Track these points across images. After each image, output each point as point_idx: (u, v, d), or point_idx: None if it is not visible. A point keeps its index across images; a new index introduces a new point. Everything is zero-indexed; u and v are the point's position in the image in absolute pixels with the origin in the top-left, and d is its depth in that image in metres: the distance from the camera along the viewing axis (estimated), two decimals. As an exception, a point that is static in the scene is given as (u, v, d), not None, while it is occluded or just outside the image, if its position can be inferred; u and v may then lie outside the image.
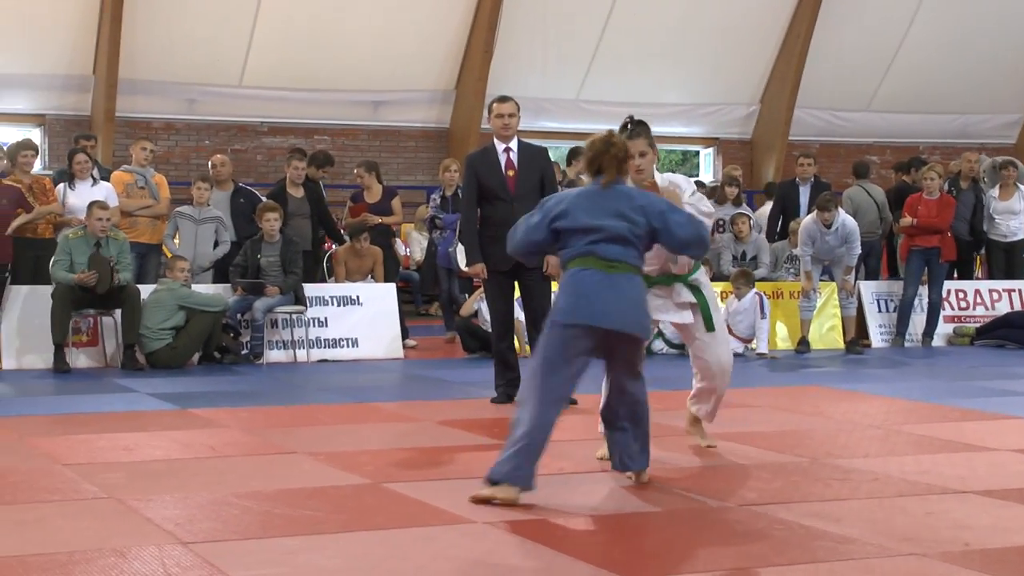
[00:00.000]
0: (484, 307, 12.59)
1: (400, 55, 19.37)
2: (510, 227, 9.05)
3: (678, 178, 7.25)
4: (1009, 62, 22.10)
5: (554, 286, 9.15)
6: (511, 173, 9.33)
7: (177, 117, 19.03)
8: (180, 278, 12.17)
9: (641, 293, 6.11)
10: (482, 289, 12.81)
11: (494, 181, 9.33)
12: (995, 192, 15.53)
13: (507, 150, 9.40)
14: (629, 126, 6.94)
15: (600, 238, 6.03)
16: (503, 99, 9.56)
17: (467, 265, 9.54)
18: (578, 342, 5.98)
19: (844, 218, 13.67)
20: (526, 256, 6.67)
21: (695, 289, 7.01)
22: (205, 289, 12.64)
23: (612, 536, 5.30)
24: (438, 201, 14.25)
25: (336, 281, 13.72)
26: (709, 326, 7.01)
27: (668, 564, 4.90)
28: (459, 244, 13.76)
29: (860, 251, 13.93)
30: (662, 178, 7.11)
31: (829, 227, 13.51)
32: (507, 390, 9.39)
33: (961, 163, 15.77)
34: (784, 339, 14.11)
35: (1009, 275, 15.54)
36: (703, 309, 6.99)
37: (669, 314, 7.02)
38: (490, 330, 10.46)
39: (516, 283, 9.48)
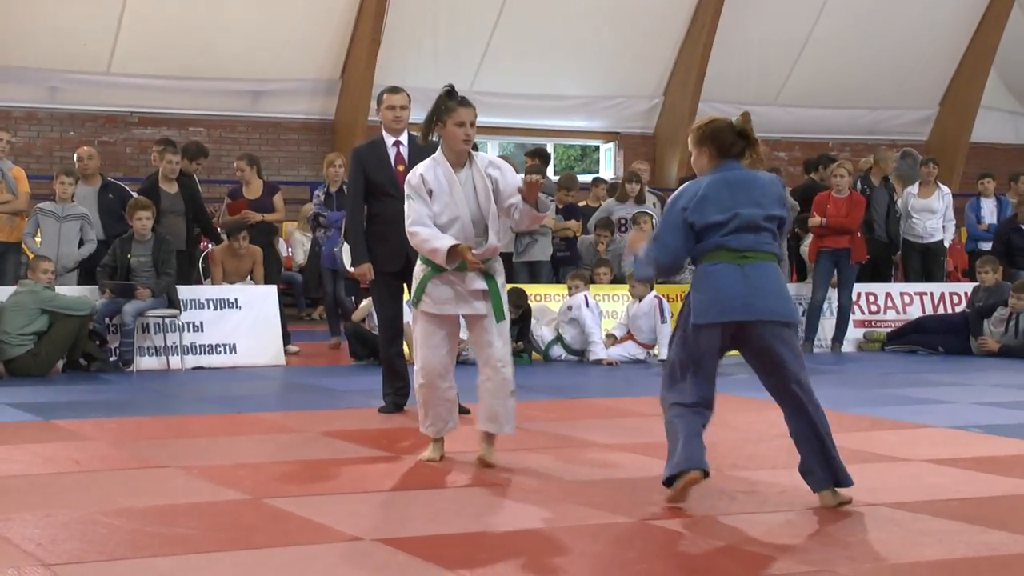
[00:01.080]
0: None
1: (282, 42, 19.26)
2: (399, 225, 9.09)
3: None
4: (922, 55, 22.52)
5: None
6: (401, 168, 9.30)
7: (39, 106, 18.75)
8: (43, 280, 11.99)
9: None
10: None
11: (383, 176, 9.29)
12: (914, 190, 15.78)
13: (397, 143, 9.38)
14: (450, 92, 7.22)
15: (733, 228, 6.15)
16: (394, 90, 9.54)
17: (353, 265, 9.48)
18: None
19: None
20: (676, 272, 6.74)
21: (488, 277, 7.14)
22: (70, 291, 12.46)
23: (506, 554, 5.30)
24: (322, 198, 14.18)
25: (212, 283, 13.60)
26: (499, 315, 7.15)
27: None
28: (344, 243, 13.73)
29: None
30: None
31: None
32: (395, 399, 9.37)
33: (873, 159, 15.91)
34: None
35: (927, 278, 15.79)
36: (494, 297, 7.14)
37: (460, 307, 7.15)
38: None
39: (405, 284, 9.46)
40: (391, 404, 9.40)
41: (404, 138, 9.40)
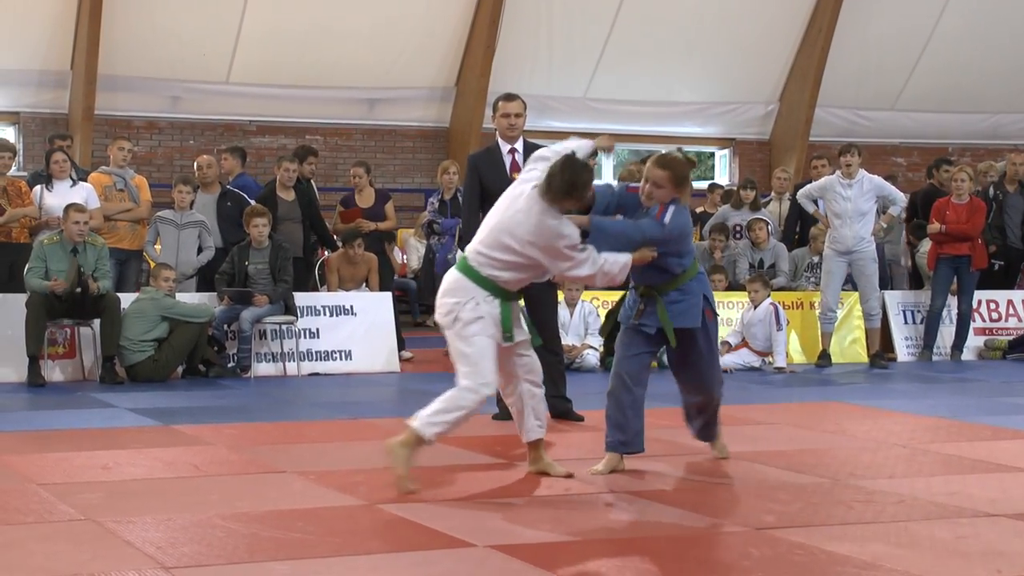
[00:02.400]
0: None
1: (397, 51, 19.38)
2: None
3: None
4: (1043, 58, 22.10)
5: (560, 295, 9.18)
6: (516, 175, 9.33)
7: (160, 115, 19.03)
8: (165, 287, 12.17)
9: None
10: None
11: (499, 184, 9.31)
12: None
13: (512, 151, 9.42)
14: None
15: None
16: (509, 97, 9.56)
17: None
18: None
19: (866, 172, 13.63)
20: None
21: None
22: (189, 298, 12.64)
23: (621, 561, 5.29)
24: (436, 205, 14.26)
25: (328, 290, 13.72)
26: (535, 340, 7.25)
27: (681, 591, 4.90)
28: (459, 251, 13.77)
29: (904, 202, 13.86)
30: None
31: (850, 180, 13.44)
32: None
33: (1006, 164, 15.61)
34: (804, 352, 14.09)
35: None
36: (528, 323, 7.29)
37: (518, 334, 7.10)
38: None
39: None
40: (505, 411, 9.39)
41: (519, 145, 9.44)
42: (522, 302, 9.47)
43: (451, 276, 7.06)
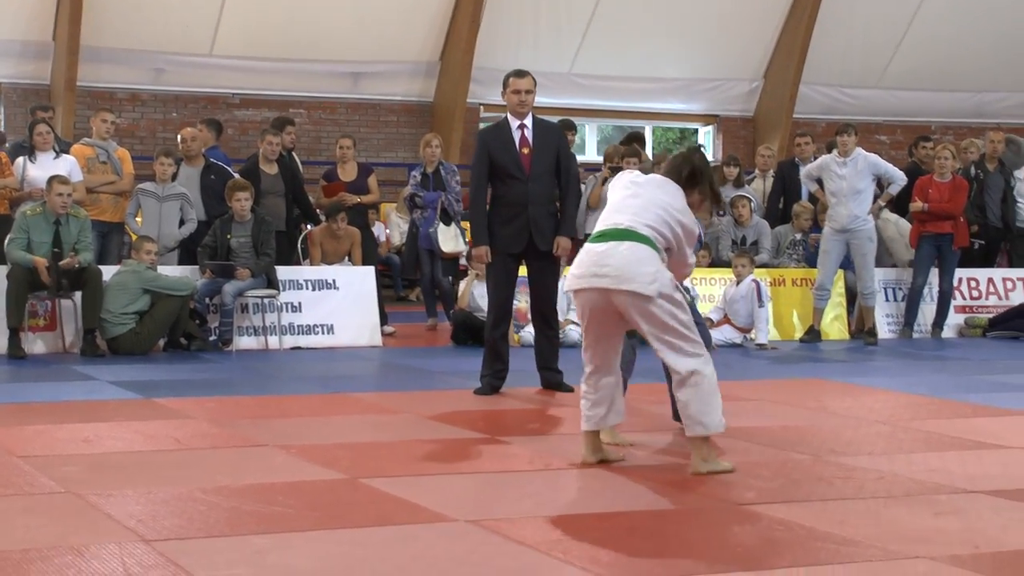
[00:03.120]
0: (476, 292, 12.59)
1: (381, 24, 19.34)
2: (524, 207, 9.17)
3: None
4: (1026, 37, 22.14)
5: (566, 271, 9.35)
6: (526, 151, 9.42)
7: (143, 87, 18.98)
8: (147, 260, 12.14)
9: None
10: (471, 275, 12.82)
11: (508, 159, 9.41)
12: (1020, 174, 15.51)
13: (522, 127, 9.51)
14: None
15: None
16: (520, 74, 9.63)
17: (473, 247, 9.56)
18: None
19: (862, 151, 13.64)
20: None
21: None
22: (171, 271, 12.61)
23: (601, 536, 5.30)
24: (418, 179, 14.23)
25: (311, 264, 13.71)
26: None
27: (660, 566, 4.91)
28: (440, 224, 13.79)
29: (903, 180, 13.90)
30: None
31: (845, 159, 13.47)
32: (492, 381, 9.43)
33: (985, 143, 15.63)
34: (787, 329, 14.12)
35: None
36: None
37: None
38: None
39: (526, 265, 9.60)
40: (488, 386, 9.44)
41: (528, 121, 9.54)
42: (524, 271, 9.59)
43: (634, 246, 6.47)
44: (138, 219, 13.23)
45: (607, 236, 6.55)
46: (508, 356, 9.55)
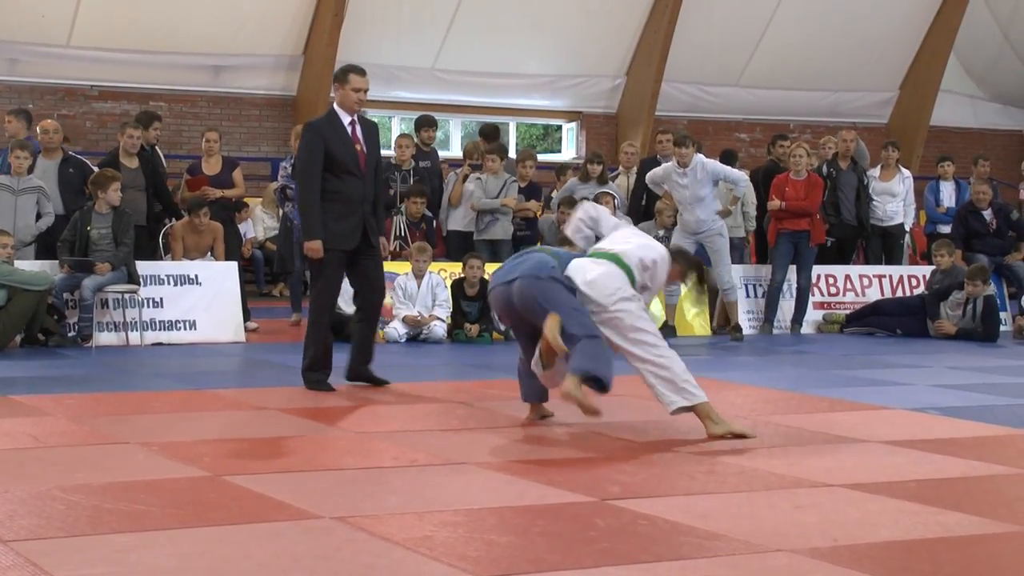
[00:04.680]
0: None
1: (244, 17, 19.16)
2: (360, 204, 9.20)
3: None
4: (882, 38, 22.60)
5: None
6: (358, 147, 9.46)
7: (-1, 78, 18.60)
8: (2, 255, 11.90)
9: None
10: None
11: (346, 155, 9.38)
12: (875, 172, 15.84)
13: (352, 123, 9.49)
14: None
15: None
16: (362, 72, 9.60)
17: (305, 240, 9.45)
18: None
19: (701, 159, 13.78)
20: None
21: None
22: (28, 265, 12.37)
23: (466, 532, 5.31)
24: (289, 170, 14.06)
25: (173, 258, 13.54)
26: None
27: (524, 562, 4.92)
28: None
29: (746, 181, 14.09)
30: None
31: (685, 168, 13.60)
32: (323, 376, 9.53)
33: (838, 142, 15.89)
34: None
35: (887, 260, 15.86)
36: None
37: None
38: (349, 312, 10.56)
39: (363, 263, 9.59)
40: (319, 382, 9.46)
41: (356, 118, 9.54)
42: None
43: (607, 266, 7.80)
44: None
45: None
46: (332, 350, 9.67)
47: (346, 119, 9.47)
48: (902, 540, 5.32)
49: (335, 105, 9.58)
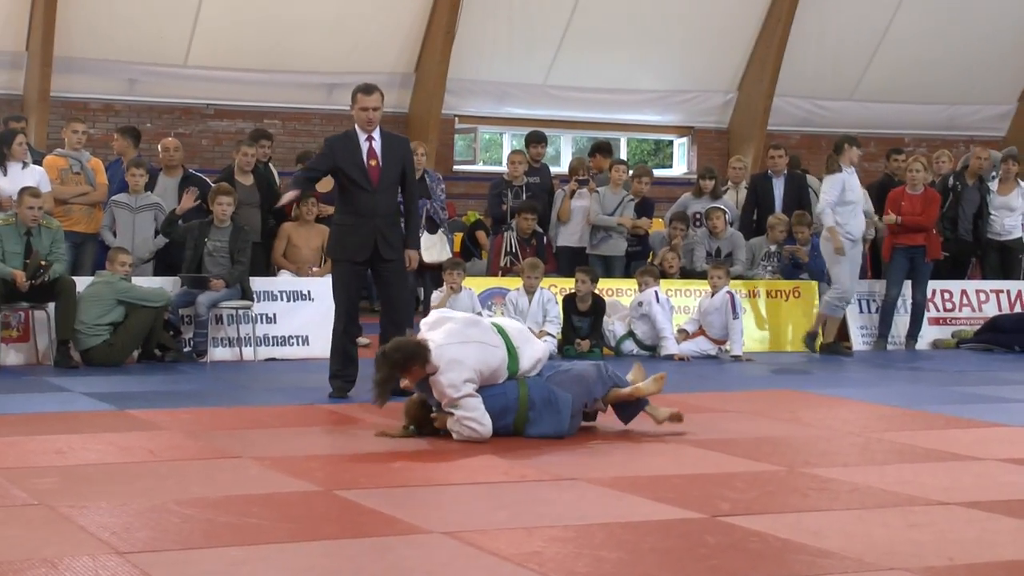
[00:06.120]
0: (451, 305, 12.54)
1: (357, 36, 19.32)
2: (374, 218, 9.34)
3: None
4: (1000, 50, 22.22)
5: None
6: (373, 163, 9.61)
7: (117, 98, 18.88)
8: (121, 271, 12.10)
9: None
10: (447, 290, 12.78)
11: (355, 170, 9.70)
12: (993, 187, 15.58)
13: (369, 139, 9.77)
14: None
15: None
16: (368, 90, 9.89)
17: (287, 190, 10.17)
18: None
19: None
20: None
21: None
22: (146, 282, 12.56)
23: (576, 548, 5.30)
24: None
25: (283, 259, 13.59)
26: None
27: (636, 578, 4.91)
28: (425, 233, 13.79)
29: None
30: None
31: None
32: (343, 384, 9.80)
33: (970, 157, 15.63)
34: (761, 341, 14.15)
35: (1005, 275, 15.56)
36: None
37: None
38: None
39: (372, 272, 9.96)
40: (338, 388, 9.68)
41: (376, 134, 9.78)
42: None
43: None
44: (112, 231, 13.15)
45: None
46: (358, 359, 9.85)
47: (362, 136, 9.75)
48: (1021, 560, 5.22)
49: (355, 125, 9.86)
